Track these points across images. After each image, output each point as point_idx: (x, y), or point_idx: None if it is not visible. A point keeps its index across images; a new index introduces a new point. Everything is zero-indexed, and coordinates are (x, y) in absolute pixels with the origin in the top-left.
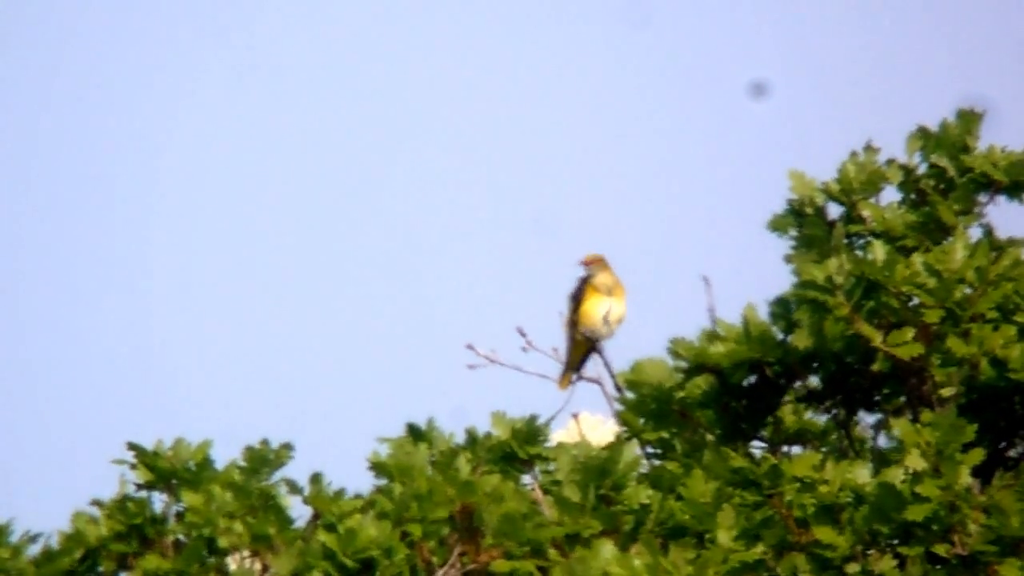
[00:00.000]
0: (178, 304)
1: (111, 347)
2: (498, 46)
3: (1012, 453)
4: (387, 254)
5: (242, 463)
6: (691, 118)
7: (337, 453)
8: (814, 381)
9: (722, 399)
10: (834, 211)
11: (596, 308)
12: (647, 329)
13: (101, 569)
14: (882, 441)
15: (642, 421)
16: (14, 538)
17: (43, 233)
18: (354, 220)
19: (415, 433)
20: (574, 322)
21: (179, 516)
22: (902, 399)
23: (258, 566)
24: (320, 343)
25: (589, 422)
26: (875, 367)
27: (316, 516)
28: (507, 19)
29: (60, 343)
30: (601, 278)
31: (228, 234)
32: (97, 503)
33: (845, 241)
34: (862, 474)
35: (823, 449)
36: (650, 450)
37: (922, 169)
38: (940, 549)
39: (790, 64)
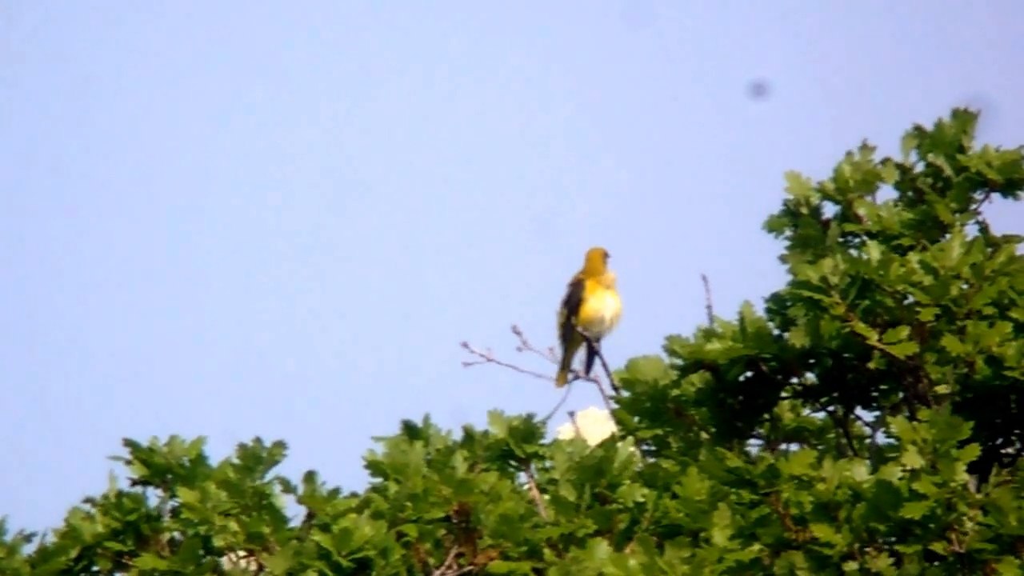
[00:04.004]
0: (173, 302)
1: (106, 345)
2: (499, 46)
3: (1009, 450)
4: (383, 253)
5: (236, 461)
6: (691, 118)
7: (332, 451)
8: (811, 378)
9: (718, 396)
10: (830, 211)
11: (599, 305)
12: (644, 327)
13: (96, 568)
14: (880, 438)
15: (637, 419)
16: (8, 537)
17: (40, 232)
18: (351, 219)
19: (411, 431)
20: (572, 324)
21: (174, 513)
22: (899, 395)
23: (253, 566)
24: (315, 341)
25: (595, 417)
26: (871, 365)
27: (311, 515)
28: (507, 19)
29: (55, 341)
30: (601, 274)
31: (225, 233)
32: (90, 500)
33: (840, 240)
34: (860, 472)
35: (820, 447)
36: (645, 448)
37: (918, 168)
38: (937, 547)
39: (790, 64)
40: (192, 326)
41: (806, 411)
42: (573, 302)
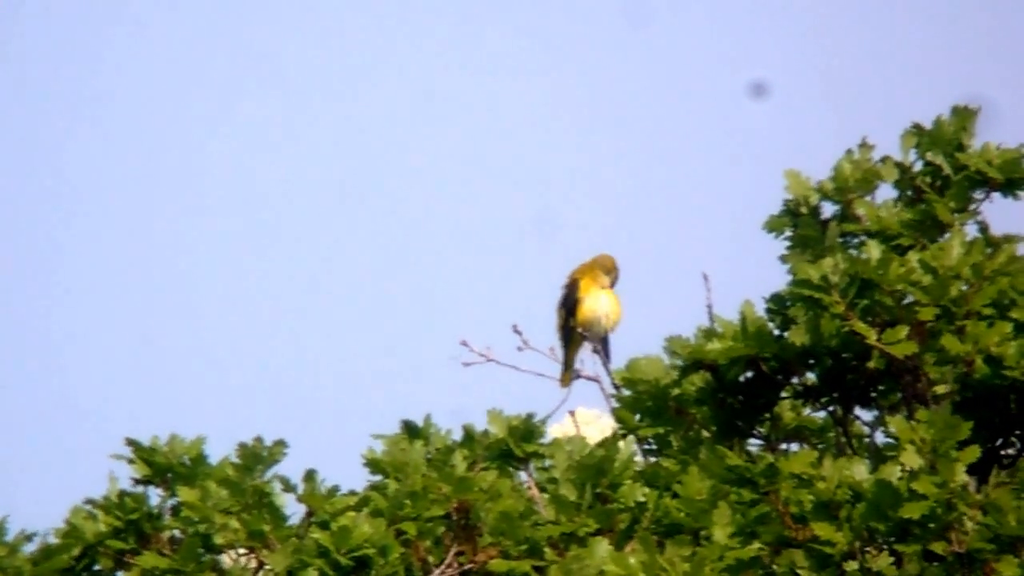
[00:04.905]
0: (173, 301)
1: (106, 345)
2: (498, 46)
3: (1010, 451)
4: (384, 252)
5: (236, 460)
6: (691, 118)
7: (332, 450)
8: (811, 377)
9: (718, 395)
10: (829, 210)
11: (594, 304)
12: (645, 327)
13: (98, 567)
14: (879, 438)
15: (638, 418)
16: (10, 536)
17: (41, 231)
18: (351, 218)
19: (411, 430)
20: (572, 326)
21: (175, 511)
22: (898, 395)
23: (253, 563)
24: (316, 340)
25: (585, 416)
26: (871, 364)
27: (310, 513)
28: (507, 19)
29: (55, 341)
30: (597, 276)
31: (225, 232)
32: (90, 501)
33: (840, 240)
34: (860, 471)
35: (820, 446)
36: (646, 447)
37: (918, 167)
38: (937, 547)
39: (790, 64)
40: (193, 325)
41: (806, 411)
42: (569, 304)
